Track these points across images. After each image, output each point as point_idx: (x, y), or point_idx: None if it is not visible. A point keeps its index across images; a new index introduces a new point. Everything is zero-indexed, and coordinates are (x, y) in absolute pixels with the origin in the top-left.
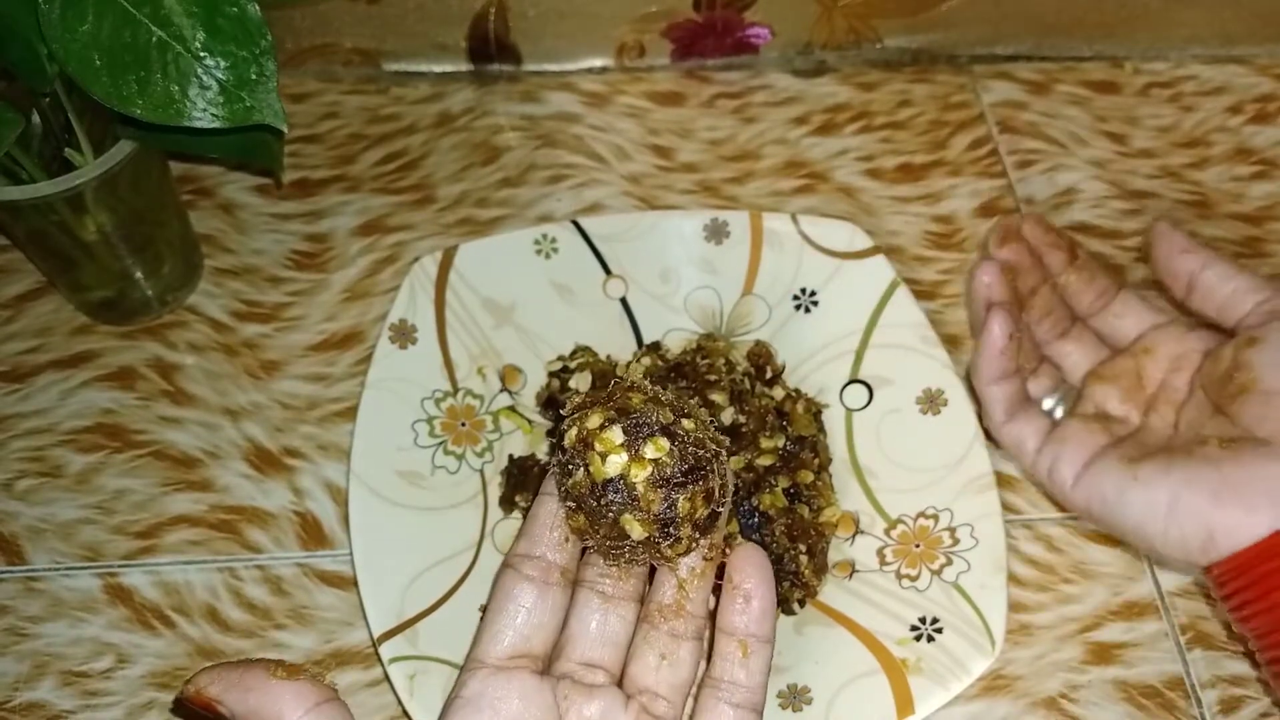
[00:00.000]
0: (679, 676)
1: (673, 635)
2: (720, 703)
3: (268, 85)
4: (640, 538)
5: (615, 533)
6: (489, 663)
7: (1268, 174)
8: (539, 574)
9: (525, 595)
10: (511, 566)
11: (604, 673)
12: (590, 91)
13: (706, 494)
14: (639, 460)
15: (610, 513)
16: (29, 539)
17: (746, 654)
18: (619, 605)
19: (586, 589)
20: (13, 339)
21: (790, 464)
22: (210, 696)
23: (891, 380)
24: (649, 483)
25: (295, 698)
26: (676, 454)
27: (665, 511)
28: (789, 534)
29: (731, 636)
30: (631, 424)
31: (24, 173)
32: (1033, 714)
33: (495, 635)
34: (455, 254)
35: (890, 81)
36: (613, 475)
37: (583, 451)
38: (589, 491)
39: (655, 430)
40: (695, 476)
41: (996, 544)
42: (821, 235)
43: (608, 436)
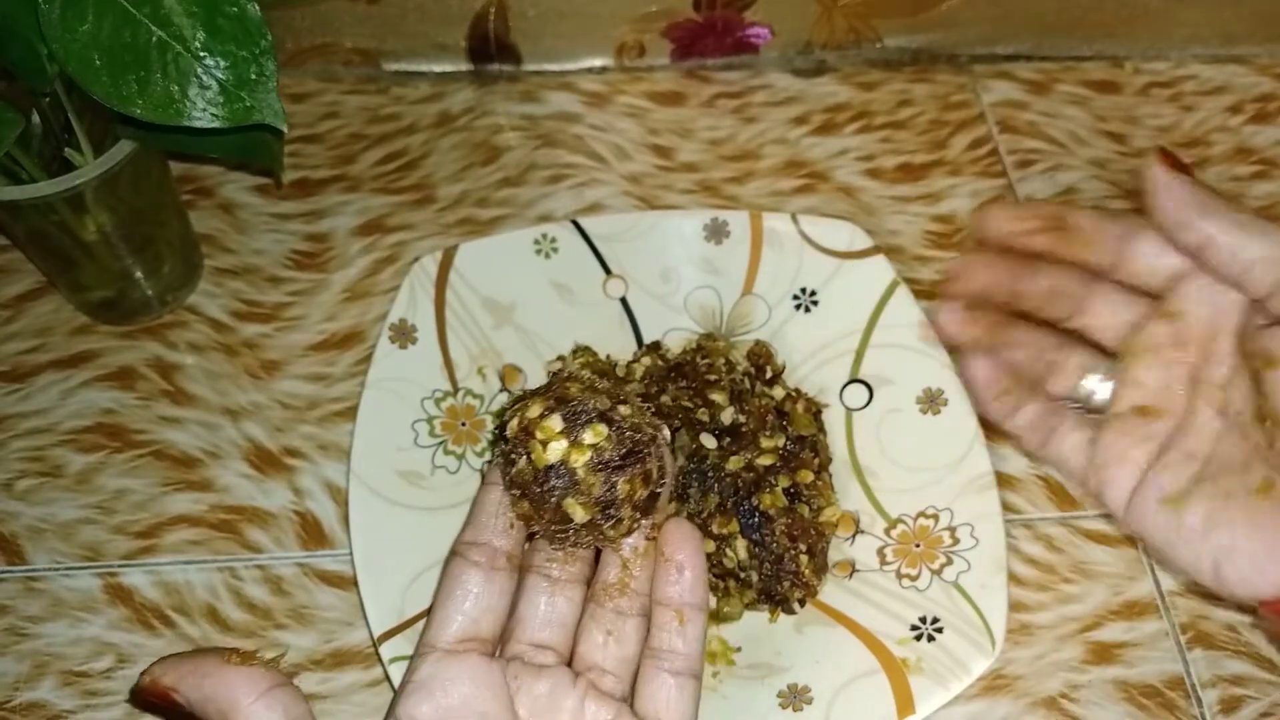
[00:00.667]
0: (625, 652)
1: (618, 613)
2: (661, 671)
3: (268, 85)
4: (583, 520)
5: (559, 517)
6: (439, 646)
7: (1268, 174)
8: (485, 560)
9: (473, 580)
10: (459, 554)
11: (553, 653)
12: (590, 91)
13: (645, 476)
14: (578, 446)
15: (553, 498)
16: (29, 539)
17: (683, 622)
18: (565, 588)
19: (534, 573)
20: (13, 339)
21: (790, 464)
22: (165, 686)
23: (891, 380)
24: (589, 467)
25: (249, 683)
26: (614, 438)
27: (606, 494)
28: (789, 534)
29: (667, 607)
30: (570, 411)
31: (24, 173)
32: (1033, 714)
33: (444, 620)
34: (455, 254)
35: (890, 81)
36: (554, 461)
37: (524, 440)
38: (532, 478)
39: (593, 416)
40: (633, 459)
41: (997, 543)
42: (821, 235)
43: (548, 424)
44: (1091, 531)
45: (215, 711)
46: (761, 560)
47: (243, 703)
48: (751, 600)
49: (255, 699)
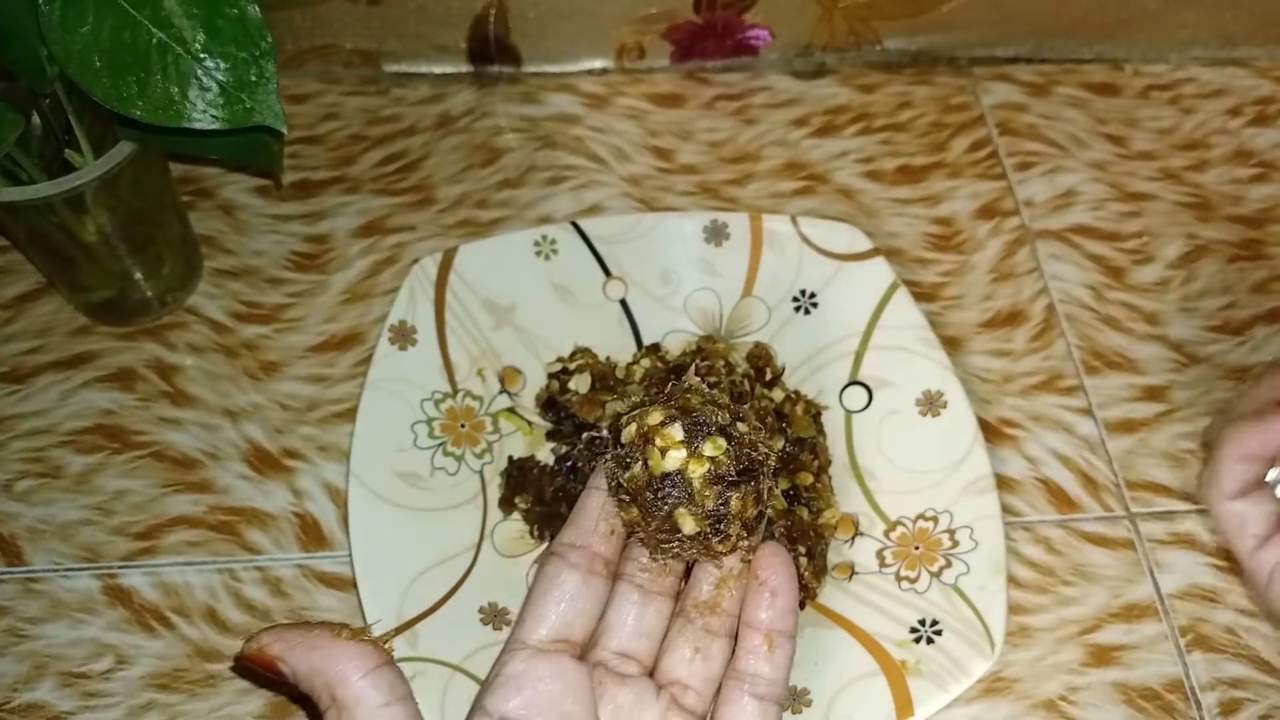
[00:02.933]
0: (710, 670)
1: (707, 631)
2: (745, 694)
3: (268, 86)
4: (692, 532)
5: (668, 526)
6: (531, 644)
7: (1267, 176)
8: (584, 563)
9: (570, 582)
10: (558, 554)
11: (636, 664)
12: (590, 93)
13: (756, 495)
14: (697, 457)
15: (665, 506)
16: (29, 540)
17: (772, 647)
18: (656, 600)
19: (625, 582)
20: (13, 340)
21: (790, 466)
22: (273, 655)
23: (891, 382)
24: (705, 479)
25: (358, 658)
26: (732, 454)
27: (718, 508)
28: (788, 536)
29: (757, 631)
30: (691, 422)
31: (24, 173)
32: (1032, 716)
33: (540, 618)
34: (455, 255)
35: (890, 83)
36: (671, 470)
37: (642, 446)
38: (646, 485)
39: (713, 430)
40: (748, 477)
41: (996, 546)
42: (821, 237)
43: (669, 432)
44: (1091, 534)
45: (322, 684)
46: None
47: (351, 679)
48: None
49: (363, 675)
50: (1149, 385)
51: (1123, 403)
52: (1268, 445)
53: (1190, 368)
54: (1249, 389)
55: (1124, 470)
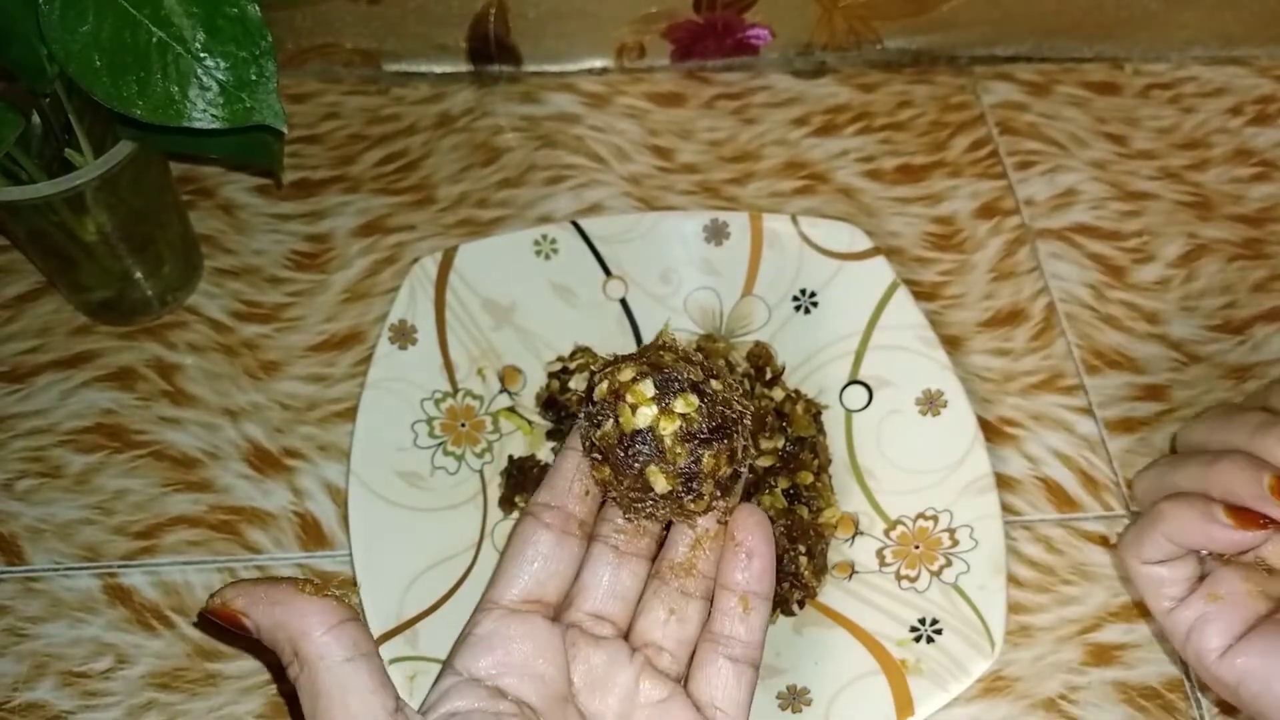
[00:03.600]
0: (685, 632)
1: (682, 593)
2: (720, 656)
3: (268, 86)
4: (664, 490)
5: (640, 485)
6: (503, 604)
7: (1268, 175)
8: (558, 523)
9: (543, 542)
10: (532, 514)
11: (611, 625)
12: (590, 92)
13: (730, 453)
14: (668, 414)
15: (636, 464)
16: (29, 539)
17: (747, 609)
18: (631, 561)
19: (601, 543)
20: (13, 339)
21: (790, 465)
22: (236, 609)
23: (891, 381)
24: (676, 436)
25: (321, 613)
26: (705, 411)
27: (690, 466)
28: (788, 535)
29: (733, 592)
30: (663, 379)
31: (24, 173)
32: (1032, 715)
33: (512, 578)
34: (455, 254)
35: (890, 82)
36: (642, 427)
37: (613, 403)
38: (617, 442)
39: (685, 386)
40: (721, 434)
41: (996, 545)
42: (821, 236)
43: (639, 389)
44: (1091, 533)
45: (285, 639)
46: None
47: (314, 633)
48: None
49: (325, 631)
50: (1149, 384)
51: (1123, 402)
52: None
53: (1190, 367)
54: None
55: (1124, 469)
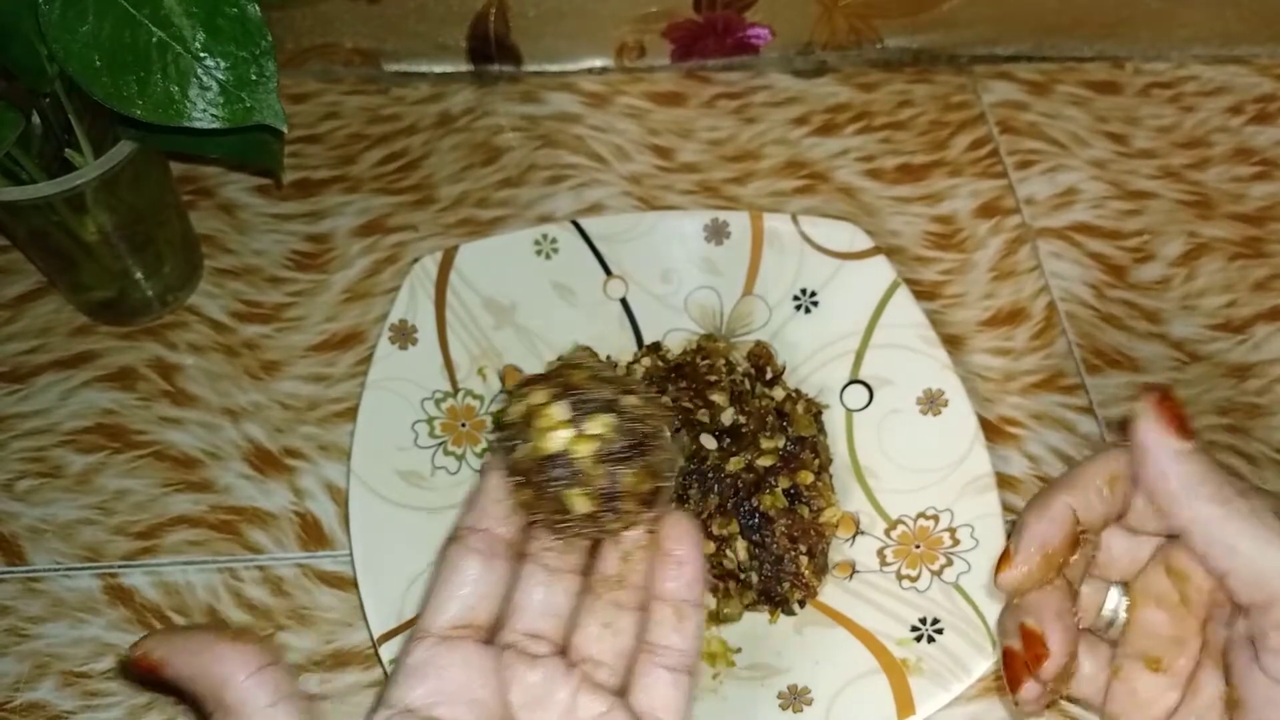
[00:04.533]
0: (621, 645)
1: (615, 605)
2: (656, 666)
3: (268, 86)
4: (584, 512)
5: (560, 508)
6: (434, 632)
7: (1268, 174)
8: (484, 546)
9: (471, 567)
10: (458, 539)
11: (547, 643)
12: (590, 92)
13: (650, 469)
14: (583, 436)
15: (554, 488)
16: (29, 539)
17: (680, 618)
18: (563, 578)
19: (532, 562)
20: (13, 339)
21: (790, 465)
22: (157, 660)
23: (892, 381)
24: (593, 458)
25: (241, 659)
26: (620, 430)
27: (609, 487)
28: (789, 535)
29: (665, 602)
30: (576, 400)
31: (24, 173)
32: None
33: (440, 606)
34: (456, 254)
35: (891, 82)
36: (557, 451)
37: (527, 427)
38: (534, 467)
39: (599, 406)
40: (639, 451)
41: (997, 544)
42: (822, 235)
43: (552, 412)
44: None
45: (206, 687)
46: (762, 561)
47: (235, 679)
48: (751, 601)
49: (247, 676)
50: (1150, 383)
51: (1124, 401)
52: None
53: (1191, 366)
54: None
55: None
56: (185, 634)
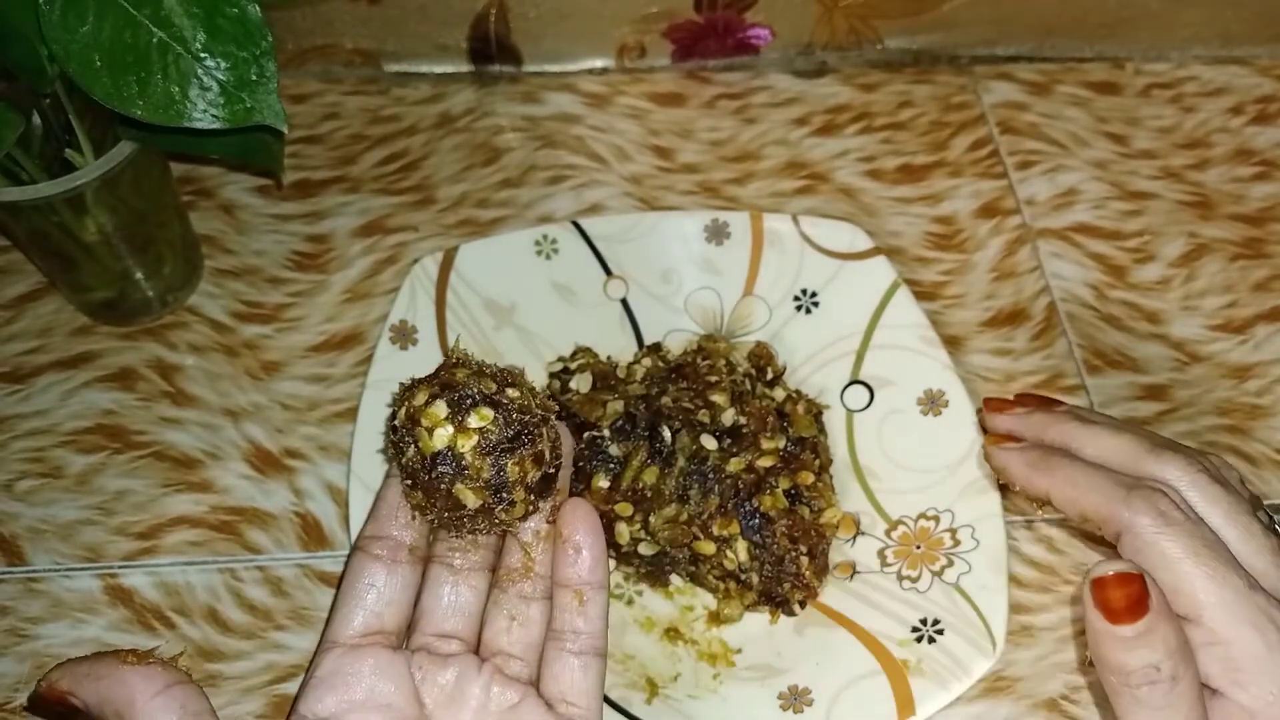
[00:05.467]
0: (530, 636)
1: (521, 597)
2: (564, 653)
3: (268, 86)
4: (475, 505)
5: (451, 504)
6: (341, 642)
7: (1269, 175)
8: (387, 553)
9: (375, 574)
10: (360, 548)
11: (458, 642)
12: (591, 92)
13: (536, 457)
14: (464, 430)
15: (443, 484)
16: (29, 540)
17: (583, 602)
18: (469, 576)
19: (437, 564)
20: (13, 340)
21: (791, 465)
22: (62, 690)
23: (892, 381)
24: (476, 451)
25: (145, 681)
26: (501, 421)
27: (495, 477)
28: (790, 535)
29: (567, 588)
30: (455, 397)
31: (24, 173)
32: (1034, 715)
33: (346, 615)
34: (456, 255)
35: (891, 82)
36: (440, 448)
37: (411, 428)
38: (421, 466)
39: (479, 400)
40: (522, 441)
41: (997, 545)
42: (822, 236)
43: (433, 411)
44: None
45: (112, 712)
46: (762, 562)
47: (139, 701)
48: (752, 602)
49: (152, 697)
50: (1150, 384)
51: (1124, 401)
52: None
53: (1192, 366)
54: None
55: None
56: (88, 660)
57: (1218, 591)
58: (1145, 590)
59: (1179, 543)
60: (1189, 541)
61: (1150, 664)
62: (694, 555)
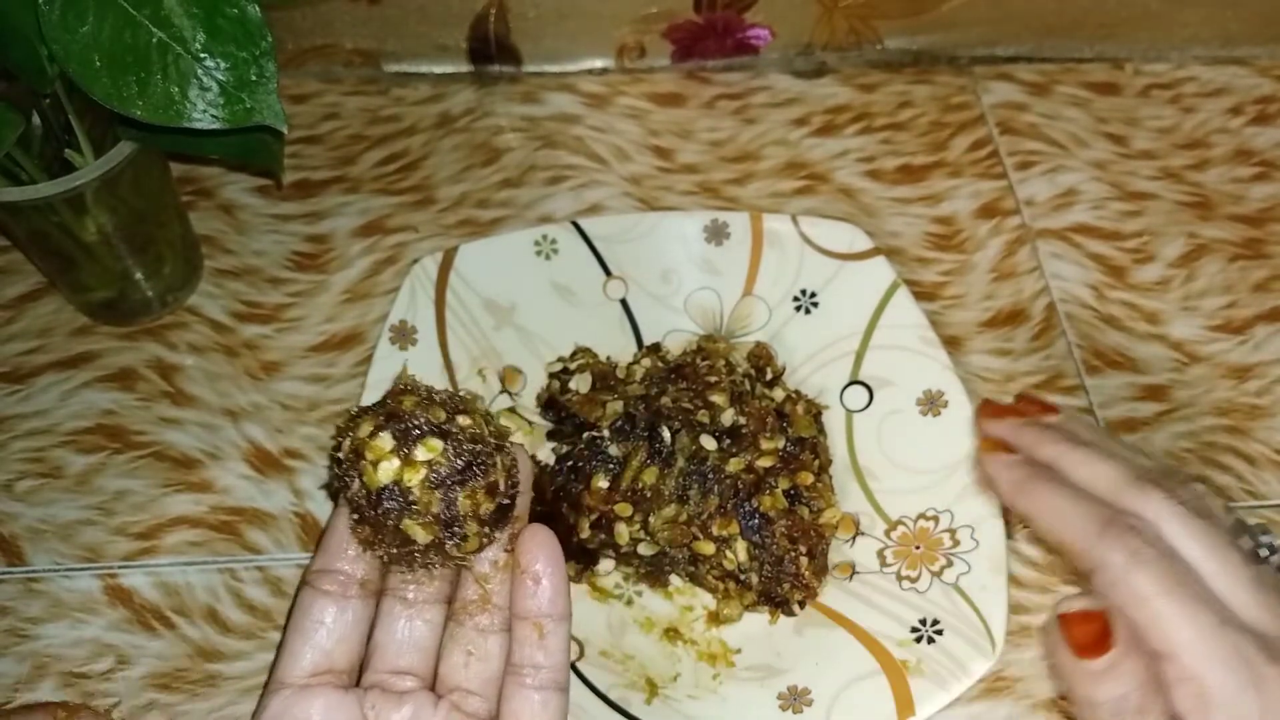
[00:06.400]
0: (489, 670)
1: (478, 630)
2: (524, 688)
3: (268, 86)
4: (425, 541)
5: (400, 540)
6: (289, 683)
7: (1268, 175)
8: (337, 588)
9: (324, 611)
10: (309, 583)
11: (413, 678)
12: (591, 92)
13: (489, 488)
14: (411, 464)
15: (390, 520)
16: (29, 540)
17: (543, 635)
18: (424, 610)
19: (390, 597)
20: (13, 340)
21: (790, 465)
22: None
23: (892, 381)
24: (425, 484)
25: None
26: (450, 452)
27: (446, 511)
28: (789, 535)
29: (526, 620)
30: (401, 429)
31: (24, 173)
32: (1033, 715)
33: (294, 654)
34: (455, 255)
35: (891, 82)
36: (387, 482)
37: (356, 461)
38: (366, 501)
39: (426, 431)
40: (473, 473)
41: (997, 545)
42: (822, 236)
43: (377, 444)
44: None
45: None
46: (762, 562)
47: None
48: (751, 602)
49: None
50: (1150, 384)
51: (1124, 402)
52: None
53: (1191, 367)
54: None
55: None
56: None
57: (1189, 629)
58: (1108, 626)
59: (1151, 580)
60: (1161, 579)
61: (1117, 696)
62: (693, 555)
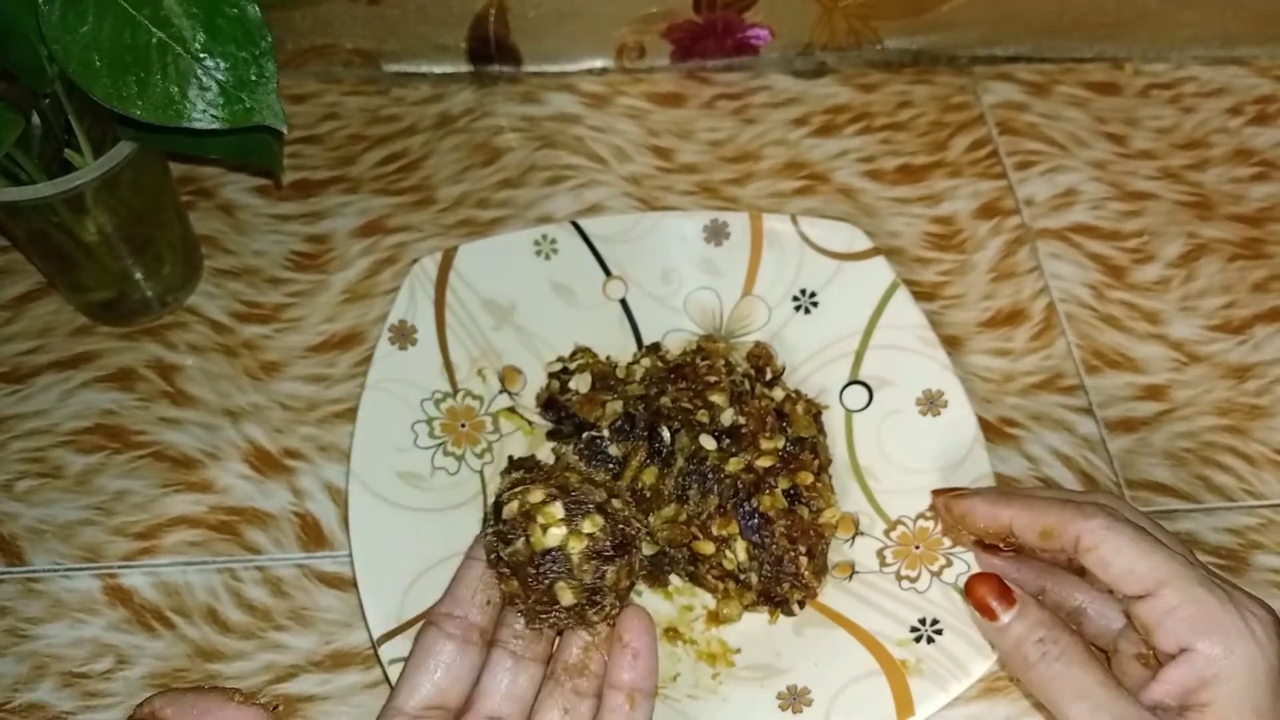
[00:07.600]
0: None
1: (575, 692)
2: None
3: (267, 86)
4: (569, 603)
5: (547, 598)
6: (406, 711)
7: (1268, 175)
8: (460, 633)
9: (446, 651)
10: (435, 624)
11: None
12: (590, 92)
13: (630, 567)
14: (576, 534)
15: (546, 580)
16: (29, 540)
17: (633, 706)
18: (528, 665)
19: (500, 649)
20: (13, 340)
21: (790, 465)
22: (165, 718)
23: (891, 381)
24: (584, 554)
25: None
26: (609, 530)
27: (595, 581)
28: (789, 535)
29: (619, 690)
30: (571, 500)
31: (24, 173)
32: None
33: (414, 687)
34: (455, 255)
35: (890, 82)
36: (552, 546)
37: (524, 523)
38: (528, 560)
39: (592, 507)
40: (623, 551)
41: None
42: (821, 236)
43: (550, 510)
44: None
45: None
46: (761, 562)
47: None
48: (751, 602)
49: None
50: (1149, 384)
51: (1123, 402)
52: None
53: (1191, 367)
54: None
55: (1124, 469)
56: (195, 694)
57: (1169, 565)
58: (1005, 584)
59: (1130, 533)
60: (1138, 532)
61: (1034, 639)
62: (693, 555)
